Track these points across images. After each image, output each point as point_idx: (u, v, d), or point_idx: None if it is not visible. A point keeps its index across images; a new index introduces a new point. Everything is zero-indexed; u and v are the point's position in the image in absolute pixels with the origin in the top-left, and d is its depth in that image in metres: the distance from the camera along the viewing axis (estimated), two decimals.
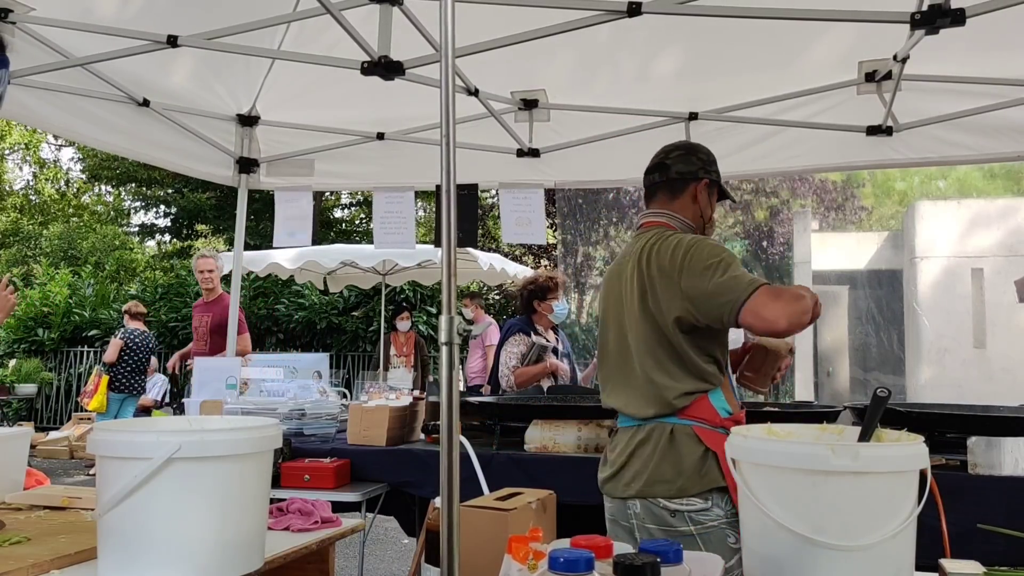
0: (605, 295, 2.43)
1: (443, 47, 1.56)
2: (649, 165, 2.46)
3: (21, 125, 18.94)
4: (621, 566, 1.10)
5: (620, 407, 2.31)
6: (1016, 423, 2.90)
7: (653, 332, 2.20)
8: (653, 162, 2.45)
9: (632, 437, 2.23)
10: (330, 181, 4.87)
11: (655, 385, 2.20)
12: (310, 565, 2.05)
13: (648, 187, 2.44)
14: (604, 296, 2.44)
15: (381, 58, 2.83)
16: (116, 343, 9.32)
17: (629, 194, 15.76)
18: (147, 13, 3.36)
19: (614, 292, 2.36)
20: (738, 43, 3.63)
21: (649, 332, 2.21)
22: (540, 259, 16.74)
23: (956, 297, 11.11)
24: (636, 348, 2.24)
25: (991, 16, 2.68)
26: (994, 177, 16.89)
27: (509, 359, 4.81)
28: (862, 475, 1.36)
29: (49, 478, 2.73)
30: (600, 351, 2.43)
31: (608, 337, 2.36)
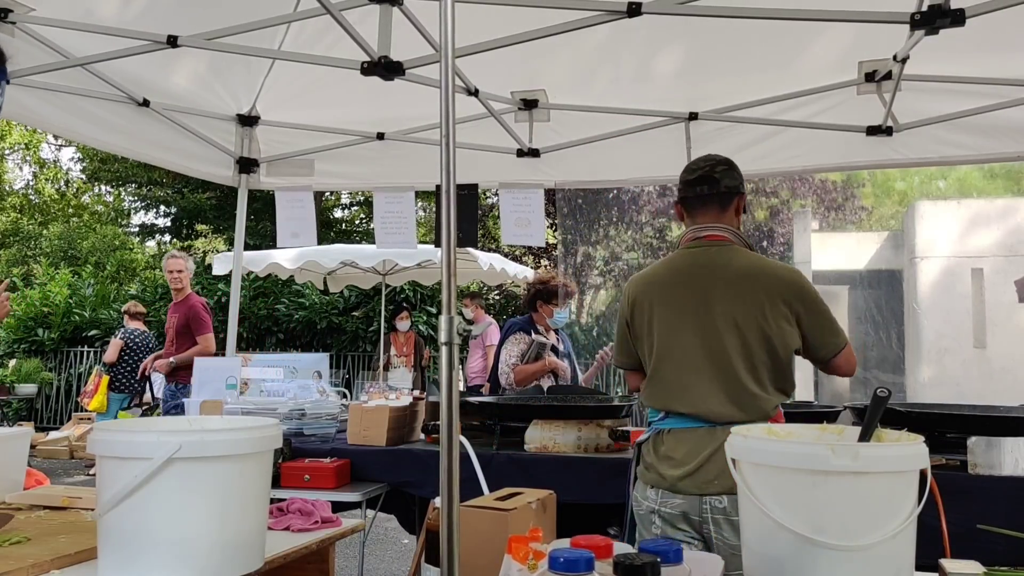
0: (671, 299, 2.46)
1: (443, 47, 1.56)
2: (692, 177, 2.55)
3: (21, 125, 18.94)
4: (621, 566, 1.10)
5: (692, 410, 2.38)
6: (1016, 423, 2.90)
7: (760, 347, 2.35)
8: (698, 174, 2.54)
9: (708, 437, 2.32)
10: (330, 181, 4.87)
11: (753, 396, 2.35)
12: (310, 565, 2.05)
13: (693, 198, 2.53)
14: (669, 300, 2.46)
15: (381, 58, 2.83)
16: (116, 343, 9.32)
17: (629, 194, 15.76)
18: (147, 13, 3.36)
19: (692, 298, 2.42)
20: (738, 43, 3.63)
21: (755, 347, 2.35)
22: (540, 259, 16.74)
23: (956, 297, 11.11)
24: (734, 359, 2.35)
25: (991, 16, 2.68)
26: (994, 177, 16.90)
27: (509, 357, 4.82)
28: (862, 475, 1.36)
29: (49, 478, 2.74)
30: (663, 353, 2.45)
31: (680, 341, 2.41)
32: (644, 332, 2.50)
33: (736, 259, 2.44)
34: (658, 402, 2.46)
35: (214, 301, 14.32)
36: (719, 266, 2.43)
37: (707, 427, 2.35)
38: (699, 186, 2.53)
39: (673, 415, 2.42)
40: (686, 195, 2.55)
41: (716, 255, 2.45)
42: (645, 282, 2.56)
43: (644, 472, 2.47)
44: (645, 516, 2.44)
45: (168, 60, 3.76)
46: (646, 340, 2.49)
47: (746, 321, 2.35)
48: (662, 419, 2.46)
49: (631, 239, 16.67)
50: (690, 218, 2.56)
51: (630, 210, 16.20)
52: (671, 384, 2.43)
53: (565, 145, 4.34)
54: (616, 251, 16.89)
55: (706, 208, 2.51)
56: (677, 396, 2.41)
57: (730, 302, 2.37)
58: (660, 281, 2.52)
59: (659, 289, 2.50)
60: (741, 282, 2.38)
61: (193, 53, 3.66)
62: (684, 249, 2.53)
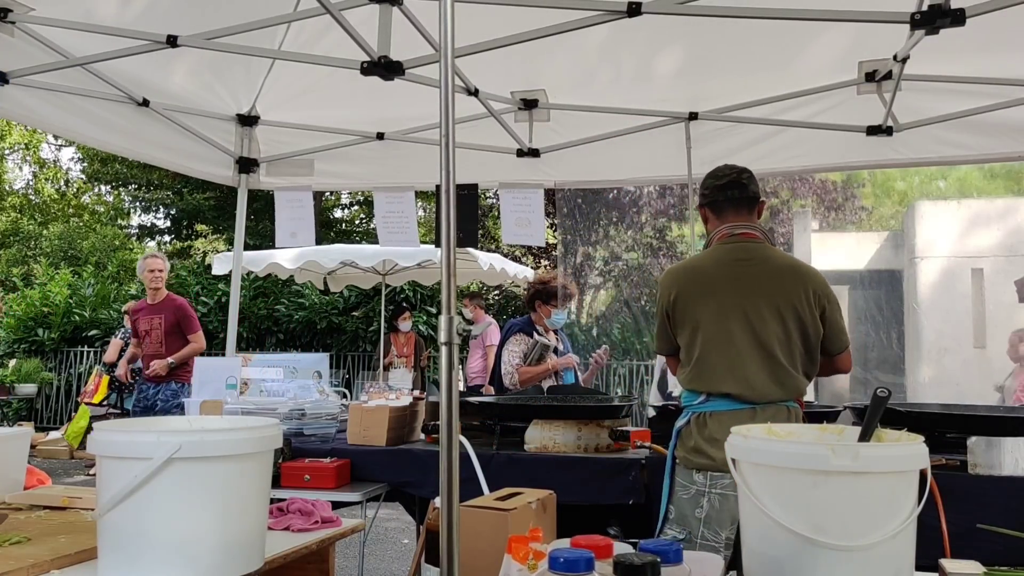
0: (715, 288, 2.63)
1: (442, 47, 1.56)
2: (722, 183, 2.78)
3: (21, 125, 18.94)
4: (621, 566, 1.10)
5: (738, 390, 2.55)
6: (1016, 423, 2.90)
7: (797, 334, 2.58)
8: (727, 179, 2.78)
9: (750, 418, 2.50)
10: (330, 181, 4.88)
11: (790, 376, 2.58)
12: (310, 565, 2.05)
13: (724, 200, 2.76)
14: (713, 289, 2.63)
15: (381, 58, 2.83)
16: (116, 343, 9.32)
17: (629, 194, 15.75)
18: (147, 13, 3.36)
19: (736, 288, 2.61)
20: (738, 43, 3.63)
21: (793, 334, 2.58)
22: (540, 259, 16.73)
23: (956, 297, 11.11)
24: (776, 343, 2.56)
25: (991, 16, 2.68)
26: (994, 177, 16.89)
27: (512, 358, 4.82)
28: (862, 475, 1.36)
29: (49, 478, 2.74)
30: (709, 339, 2.61)
31: (727, 327, 2.59)
32: (687, 319, 2.66)
33: (772, 255, 2.69)
34: (703, 384, 2.61)
35: (214, 301, 14.34)
36: (759, 260, 2.65)
37: (749, 408, 2.53)
38: (730, 190, 2.76)
39: (715, 397, 2.58)
40: (716, 198, 2.77)
41: (754, 250, 2.68)
42: (687, 273, 2.74)
43: (689, 457, 2.59)
44: (692, 500, 2.56)
45: (168, 60, 3.76)
46: (689, 327, 2.65)
47: (787, 310, 2.57)
48: (703, 402, 2.60)
49: (631, 239, 16.66)
50: (719, 219, 2.77)
51: (630, 210, 16.19)
52: (717, 367, 2.58)
53: (565, 145, 4.34)
54: (616, 251, 16.88)
55: (737, 210, 2.74)
56: (724, 378, 2.57)
57: (773, 293, 2.59)
58: (703, 272, 2.70)
59: (702, 279, 2.68)
60: (782, 275, 2.62)
61: (193, 53, 3.65)
62: (721, 244, 2.72)
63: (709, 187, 2.81)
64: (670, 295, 2.69)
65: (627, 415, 3.47)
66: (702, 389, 2.61)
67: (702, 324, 2.62)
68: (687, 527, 2.59)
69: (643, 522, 3.01)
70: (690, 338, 2.65)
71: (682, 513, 2.61)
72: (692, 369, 2.65)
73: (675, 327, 2.71)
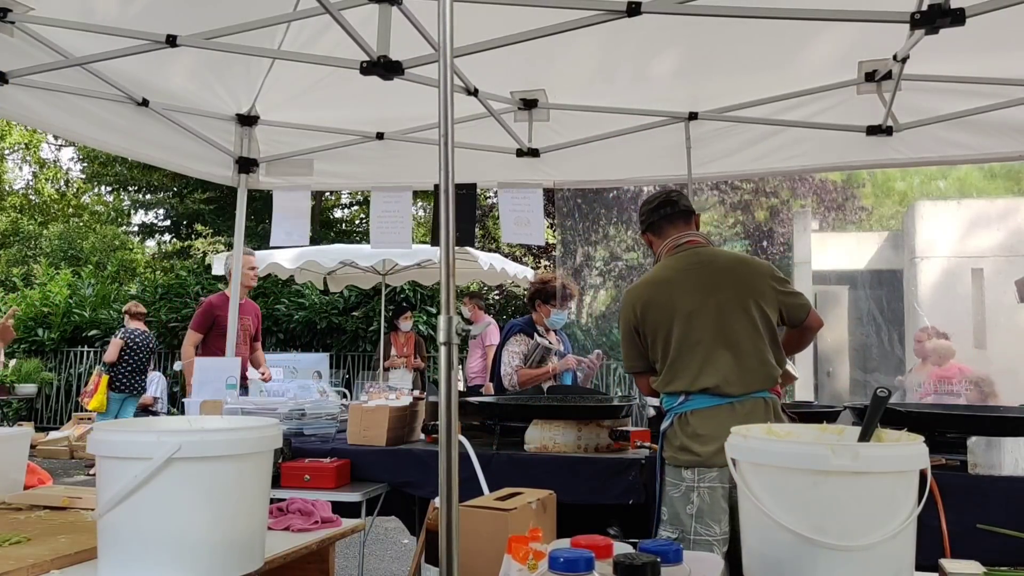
0: (679, 295, 2.75)
1: (441, 47, 1.56)
2: (653, 205, 2.97)
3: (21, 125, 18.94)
4: (621, 566, 1.10)
5: (714, 383, 2.65)
6: (1016, 423, 2.90)
7: (763, 323, 2.71)
8: (657, 201, 2.97)
9: (730, 412, 2.61)
10: (329, 181, 4.87)
11: (765, 365, 2.69)
12: (310, 565, 2.05)
13: (660, 219, 2.95)
14: (677, 296, 2.75)
15: (380, 58, 2.83)
16: (116, 343, 9.32)
17: (629, 193, 15.74)
18: (146, 13, 3.36)
19: (699, 291, 2.73)
20: (738, 43, 3.63)
21: (759, 324, 2.70)
22: (540, 259, 16.73)
23: (956, 297, 11.10)
24: (745, 336, 2.68)
25: (991, 16, 2.68)
26: (994, 177, 16.88)
27: (512, 358, 4.82)
28: (862, 475, 1.36)
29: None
30: (682, 341, 2.71)
31: (698, 327, 2.70)
32: (658, 329, 2.76)
33: (720, 254, 2.88)
34: (681, 384, 2.69)
35: None
36: (710, 261, 2.81)
37: (727, 403, 2.64)
38: (662, 208, 2.95)
39: (694, 395, 2.67)
40: (652, 219, 2.95)
41: (703, 254, 2.83)
42: (647, 288, 2.84)
43: (676, 456, 2.66)
44: (682, 497, 2.63)
45: (167, 60, 3.76)
46: (661, 335, 2.75)
47: (748, 302, 2.71)
48: (683, 402, 2.69)
49: (631, 239, 16.65)
50: (661, 237, 2.94)
51: (630, 210, 16.18)
52: (691, 365, 2.68)
53: (565, 145, 4.34)
54: (616, 251, 16.87)
55: (674, 224, 2.92)
56: (699, 374, 2.66)
57: (731, 289, 2.72)
58: (663, 282, 2.81)
59: (664, 289, 2.79)
60: (734, 271, 2.77)
61: (192, 53, 3.65)
62: (671, 256, 2.87)
63: (644, 213, 3.00)
64: (635, 312, 2.81)
65: (627, 415, 3.47)
66: (680, 389, 2.70)
67: (673, 329, 2.73)
68: (680, 525, 2.63)
69: (643, 522, 3.01)
70: (663, 345, 2.75)
71: (674, 512, 2.65)
72: (667, 372, 2.74)
73: (645, 340, 2.81)
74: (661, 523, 2.70)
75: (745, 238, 16.10)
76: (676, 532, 2.63)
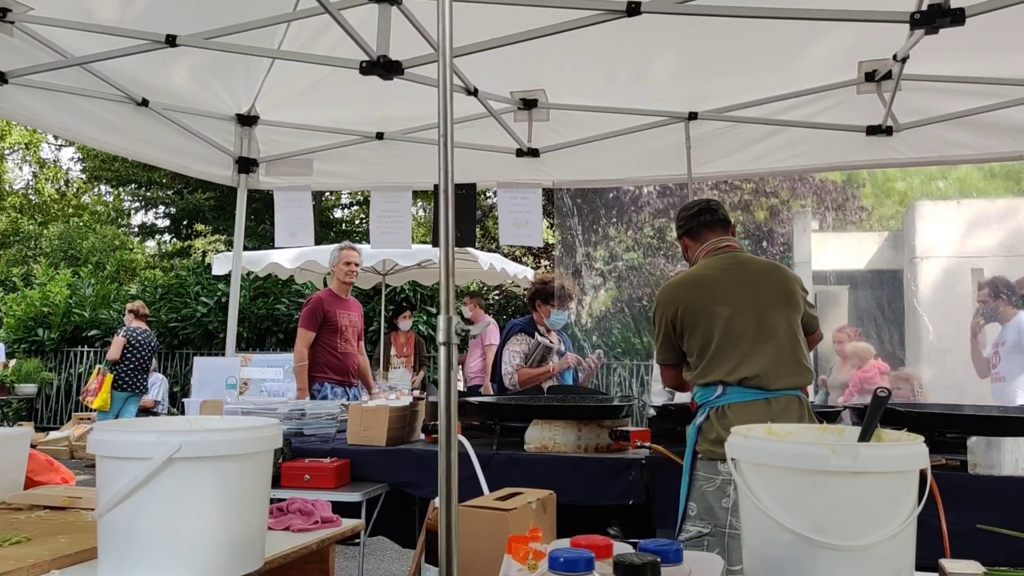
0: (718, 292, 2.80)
1: (441, 46, 1.56)
2: (693, 211, 3.02)
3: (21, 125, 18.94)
4: (621, 566, 1.10)
5: (752, 373, 2.68)
6: (1016, 423, 2.90)
7: (797, 325, 2.81)
8: (697, 208, 3.02)
9: (766, 407, 2.65)
10: (329, 181, 4.88)
11: (800, 364, 2.75)
12: (310, 565, 2.04)
13: (699, 225, 3.00)
14: (716, 293, 2.80)
15: (380, 57, 2.83)
16: (119, 341, 9.32)
17: (629, 194, 15.74)
18: (146, 13, 3.36)
19: (739, 290, 2.79)
20: (738, 43, 3.63)
21: (794, 325, 2.80)
22: (540, 259, 16.73)
23: (956, 297, 11.10)
24: (784, 335, 2.75)
25: (991, 16, 2.68)
26: (994, 177, 16.87)
27: (512, 358, 4.82)
28: (862, 475, 1.36)
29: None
30: (724, 335, 2.74)
31: (738, 323, 2.74)
32: (698, 324, 2.79)
33: (756, 260, 2.97)
34: (719, 374, 2.72)
35: (214, 301, 14.33)
36: (747, 263, 2.90)
37: (763, 399, 2.66)
38: (702, 215, 3.00)
39: (732, 388, 2.69)
40: (691, 225, 3.00)
41: (740, 257, 2.92)
42: (687, 285, 2.89)
43: (712, 449, 2.66)
44: (718, 491, 2.63)
45: (167, 60, 3.76)
46: (700, 330, 2.78)
47: (786, 303, 2.80)
48: (720, 395, 2.70)
49: (631, 239, 16.66)
50: (698, 241, 2.99)
51: (630, 210, 16.18)
52: (731, 357, 2.72)
53: (564, 145, 4.34)
54: (616, 251, 16.87)
55: (713, 230, 2.98)
56: (738, 365, 2.70)
57: (770, 291, 2.81)
58: (704, 279, 2.86)
59: (706, 286, 2.84)
60: (771, 275, 2.87)
61: (192, 53, 3.65)
62: (710, 257, 2.92)
63: (683, 218, 3.05)
64: (676, 308, 2.83)
65: (627, 415, 3.47)
66: (718, 379, 2.72)
67: (714, 323, 2.76)
68: (713, 520, 2.62)
69: (643, 522, 3.01)
70: (703, 338, 2.77)
71: (707, 506, 2.64)
72: (706, 365, 2.76)
73: (682, 335, 2.83)
74: (689, 518, 2.69)
75: (745, 238, 16.09)
76: (708, 527, 2.62)
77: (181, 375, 13.65)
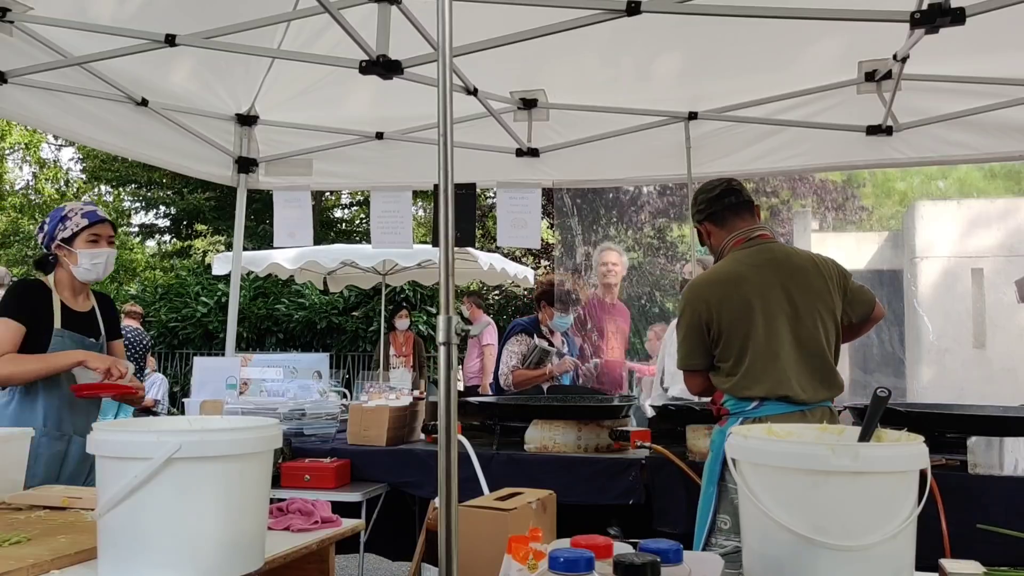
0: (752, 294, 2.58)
1: (440, 46, 1.55)
2: (715, 193, 2.77)
3: (21, 125, 18.93)
4: (621, 566, 1.10)
5: (793, 393, 2.53)
6: (1016, 423, 2.90)
7: (832, 327, 2.62)
8: (720, 189, 2.78)
9: (804, 417, 2.49)
10: (329, 180, 4.88)
11: (835, 374, 2.62)
12: (310, 565, 2.04)
13: (723, 209, 2.75)
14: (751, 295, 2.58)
15: (380, 57, 2.83)
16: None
17: (629, 193, 15.74)
18: (146, 12, 3.36)
19: (773, 292, 2.58)
20: (738, 43, 3.63)
21: (830, 328, 2.61)
22: (540, 259, 16.72)
23: (956, 297, 11.09)
24: (819, 344, 2.58)
25: (991, 16, 2.68)
26: (994, 177, 16.88)
27: (509, 358, 4.81)
28: (862, 475, 1.36)
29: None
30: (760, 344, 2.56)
31: (773, 331, 2.56)
32: (735, 329, 2.58)
33: (793, 254, 2.71)
34: (758, 390, 2.55)
35: (214, 301, 14.33)
36: (785, 260, 2.66)
37: (799, 410, 2.52)
38: (726, 197, 2.75)
39: (770, 402, 2.53)
40: (715, 209, 2.75)
41: (776, 251, 2.68)
42: (721, 283, 2.65)
43: None
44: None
45: (166, 59, 3.76)
46: (738, 337, 2.58)
47: (823, 310, 2.61)
48: (756, 407, 2.55)
49: (631, 239, 16.65)
50: (724, 228, 2.75)
51: (630, 210, 16.18)
52: (770, 372, 2.55)
53: (564, 145, 4.34)
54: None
55: (740, 215, 2.74)
56: (778, 382, 2.54)
57: (807, 294, 2.61)
58: (737, 279, 2.63)
59: (740, 286, 2.61)
60: (808, 274, 2.64)
61: (192, 52, 3.65)
62: (741, 250, 2.68)
63: (704, 201, 2.79)
64: (709, 309, 2.61)
65: (627, 415, 3.47)
66: (757, 395, 2.56)
67: (752, 332, 2.57)
68: None
69: (643, 522, 3.01)
70: (740, 347, 2.59)
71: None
72: (743, 377, 2.57)
73: (717, 339, 2.62)
74: (719, 532, 2.52)
75: None
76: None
77: (181, 375, 13.64)
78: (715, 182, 2.83)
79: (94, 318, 3.02)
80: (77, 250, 2.88)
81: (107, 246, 2.93)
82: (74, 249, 2.88)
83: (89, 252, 2.89)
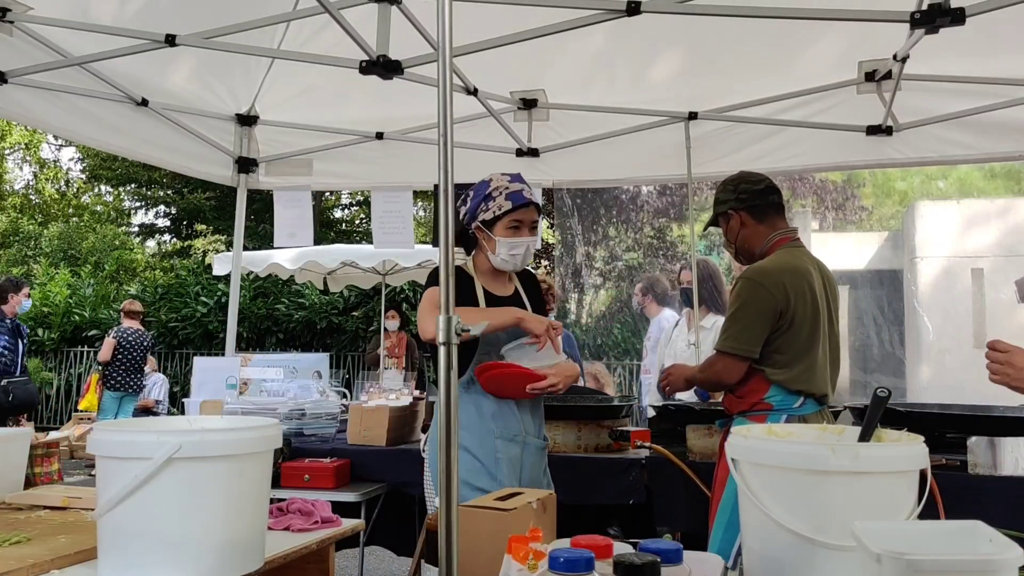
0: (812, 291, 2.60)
1: (441, 46, 1.55)
2: (761, 187, 2.74)
3: (21, 125, 18.93)
4: (621, 566, 1.10)
5: (829, 392, 2.65)
6: (1016, 423, 2.90)
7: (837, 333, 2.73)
8: (765, 184, 2.74)
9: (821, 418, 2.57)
10: (329, 181, 4.87)
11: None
12: (310, 565, 2.04)
13: (766, 205, 2.73)
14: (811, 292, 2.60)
15: (380, 57, 2.83)
16: (109, 342, 9.33)
17: (629, 193, 15.74)
18: (145, 12, 3.36)
19: (820, 293, 2.64)
20: (738, 43, 3.63)
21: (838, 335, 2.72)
22: (540, 259, 16.73)
23: (956, 297, 11.10)
24: (839, 346, 2.71)
25: (991, 16, 2.67)
26: (994, 177, 16.87)
27: None
28: (862, 475, 1.36)
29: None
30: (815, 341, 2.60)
31: (822, 331, 2.63)
32: (804, 323, 2.57)
33: (823, 264, 2.79)
34: (811, 387, 2.58)
35: (214, 301, 14.34)
36: (824, 269, 2.75)
37: (820, 410, 2.62)
38: (771, 195, 2.74)
39: (811, 400, 2.59)
40: (758, 203, 2.71)
41: (815, 259, 2.76)
42: (791, 273, 2.60)
43: None
44: None
45: (166, 59, 3.76)
46: (805, 331, 2.57)
47: (837, 315, 2.74)
48: (800, 405, 2.58)
49: (631, 239, 16.66)
50: (765, 224, 2.72)
51: (629, 210, 16.18)
52: (822, 370, 2.62)
53: (564, 145, 4.34)
54: (616, 251, 16.87)
55: (779, 215, 2.75)
56: (824, 381, 2.63)
57: (833, 299, 2.73)
58: (804, 273, 2.63)
59: (807, 281, 2.61)
60: (832, 282, 2.75)
61: (192, 52, 3.65)
62: (790, 249, 2.68)
63: (747, 192, 2.71)
64: (788, 297, 2.54)
65: (627, 415, 3.47)
66: (809, 391, 2.57)
67: (818, 331, 2.61)
68: None
69: (643, 522, 3.01)
70: (806, 341, 2.57)
71: None
72: (803, 373, 2.55)
73: (787, 329, 2.56)
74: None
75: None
76: None
77: (181, 375, 13.65)
78: (758, 175, 2.79)
79: (519, 302, 2.74)
80: (496, 236, 2.62)
81: (528, 234, 2.64)
82: (493, 235, 2.63)
83: (508, 241, 2.62)
